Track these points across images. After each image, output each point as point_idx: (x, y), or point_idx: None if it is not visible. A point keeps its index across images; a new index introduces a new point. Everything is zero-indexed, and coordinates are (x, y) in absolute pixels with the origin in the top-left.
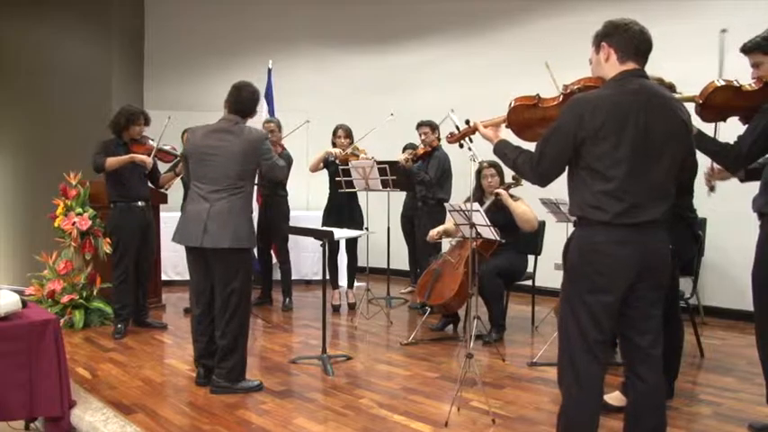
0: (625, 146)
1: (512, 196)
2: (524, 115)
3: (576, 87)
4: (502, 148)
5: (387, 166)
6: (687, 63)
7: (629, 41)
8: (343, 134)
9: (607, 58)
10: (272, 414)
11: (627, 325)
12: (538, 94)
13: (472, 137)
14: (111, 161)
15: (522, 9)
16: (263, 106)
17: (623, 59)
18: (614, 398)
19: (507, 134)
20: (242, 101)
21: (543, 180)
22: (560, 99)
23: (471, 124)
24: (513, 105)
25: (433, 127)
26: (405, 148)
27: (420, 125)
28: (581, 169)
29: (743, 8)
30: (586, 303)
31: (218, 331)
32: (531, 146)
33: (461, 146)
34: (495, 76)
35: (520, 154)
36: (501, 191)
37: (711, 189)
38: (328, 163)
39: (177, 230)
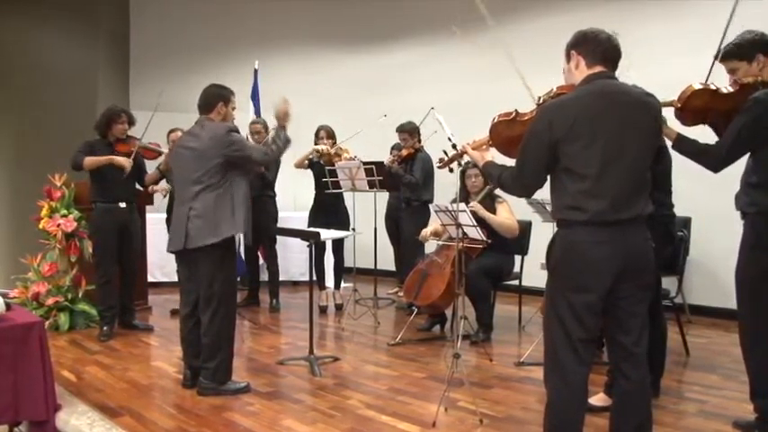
0: (597, 144)
1: (497, 197)
2: (506, 131)
3: (549, 96)
4: (488, 169)
5: (373, 166)
6: (666, 66)
7: (597, 48)
8: (325, 135)
9: (577, 66)
10: (260, 415)
11: (611, 323)
12: (516, 110)
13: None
14: (90, 160)
15: (511, 10)
16: (249, 107)
17: (591, 64)
18: (598, 398)
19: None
20: (202, 98)
21: (526, 191)
22: (535, 111)
23: (460, 148)
24: (494, 123)
25: (412, 131)
26: (392, 148)
27: (399, 130)
28: (559, 172)
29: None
30: (569, 302)
31: (202, 330)
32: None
33: (451, 170)
34: (483, 78)
35: (504, 170)
36: (475, 205)
37: None
38: (313, 163)
39: (169, 239)
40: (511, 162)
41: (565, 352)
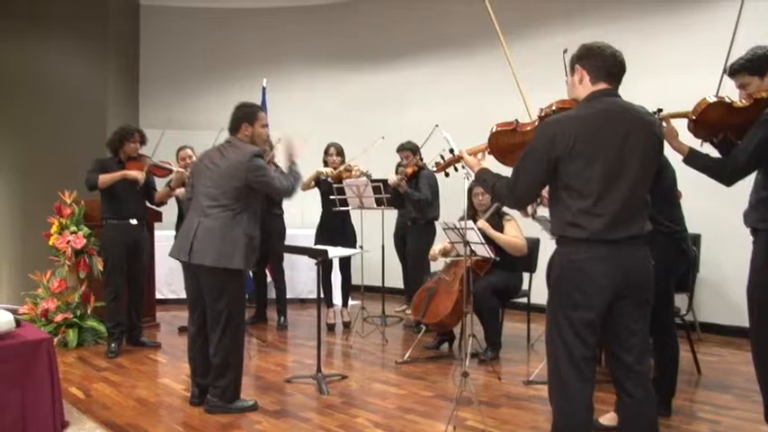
0: (598, 163)
1: (504, 215)
2: (504, 141)
3: (551, 110)
4: (482, 175)
5: (381, 184)
6: (673, 81)
7: (602, 64)
8: (334, 152)
9: (581, 80)
10: None
11: (612, 342)
12: (516, 120)
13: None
14: (104, 178)
15: (524, 27)
16: None
17: (595, 80)
18: (608, 418)
19: (492, 162)
20: (231, 119)
21: (519, 203)
22: (536, 123)
23: (456, 153)
24: (493, 131)
25: (414, 150)
26: (398, 166)
27: (401, 149)
28: (559, 189)
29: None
30: (570, 320)
31: (211, 349)
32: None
33: (447, 175)
34: (486, 94)
35: (498, 179)
36: (483, 224)
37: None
38: (320, 181)
39: (174, 244)
40: (506, 171)
41: (568, 369)
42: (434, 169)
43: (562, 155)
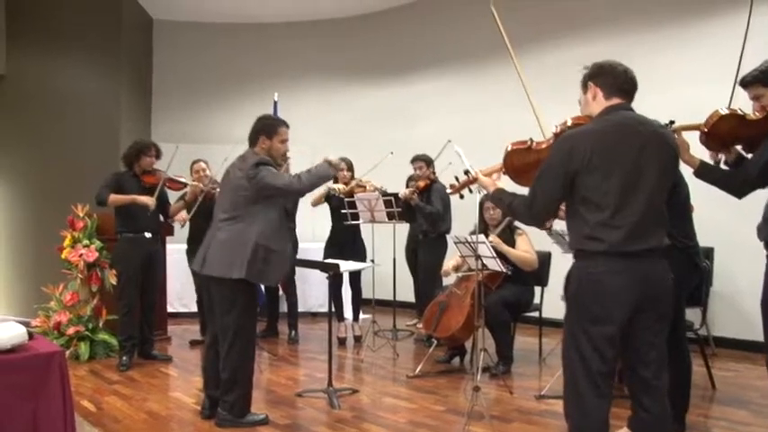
0: (616, 176)
1: (516, 229)
2: (519, 160)
3: (566, 126)
4: (498, 195)
5: (392, 197)
6: (684, 93)
7: (613, 81)
8: (345, 167)
9: (594, 97)
10: None
11: (630, 356)
12: (531, 138)
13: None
14: (114, 198)
15: (532, 41)
16: None
17: (609, 96)
18: None
19: (507, 182)
20: (251, 130)
21: (538, 220)
22: (552, 140)
23: (471, 174)
24: (508, 150)
25: (428, 162)
26: (409, 180)
27: (415, 159)
28: (576, 203)
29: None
30: (588, 334)
31: (220, 363)
32: (527, 191)
33: (462, 196)
34: (498, 108)
35: (515, 198)
36: (494, 239)
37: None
38: (330, 197)
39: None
40: (522, 191)
41: (585, 384)
42: (449, 191)
43: (579, 168)
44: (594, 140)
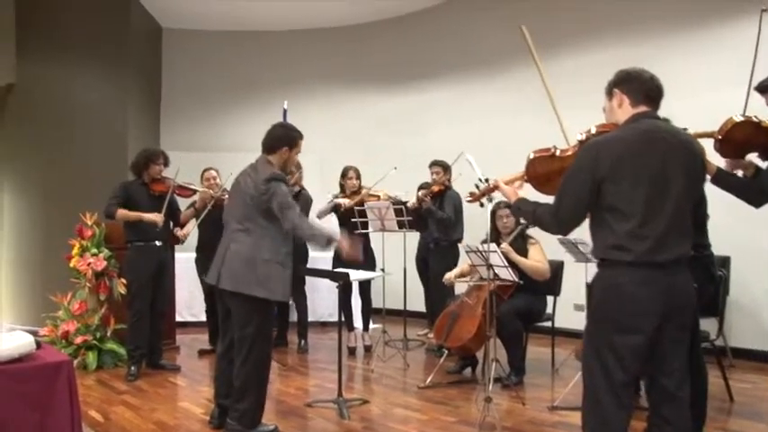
0: (642, 184)
1: (529, 238)
2: (543, 168)
3: (590, 134)
4: (519, 205)
5: (402, 206)
6: (703, 98)
7: (640, 87)
8: (354, 175)
9: (620, 104)
10: None
11: (653, 366)
12: (554, 146)
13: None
14: (122, 214)
15: (552, 46)
16: None
17: (635, 104)
18: None
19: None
20: (266, 138)
21: (564, 228)
22: (577, 147)
23: (492, 182)
24: (531, 158)
25: (446, 167)
26: (420, 188)
27: (433, 164)
28: (602, 211)
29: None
30: (613, 344)
31: (234, 371)
32: (550, 200)
33: (482, 205)
34: (509, 116)
35: (538, 206)
36: (506, 247)
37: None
38: (337, 209)
39: (210, 268)
40: (545, 199)
41: (606, 396)
42: (469, 199)
43: (606, 175)
44: (621, 148)
